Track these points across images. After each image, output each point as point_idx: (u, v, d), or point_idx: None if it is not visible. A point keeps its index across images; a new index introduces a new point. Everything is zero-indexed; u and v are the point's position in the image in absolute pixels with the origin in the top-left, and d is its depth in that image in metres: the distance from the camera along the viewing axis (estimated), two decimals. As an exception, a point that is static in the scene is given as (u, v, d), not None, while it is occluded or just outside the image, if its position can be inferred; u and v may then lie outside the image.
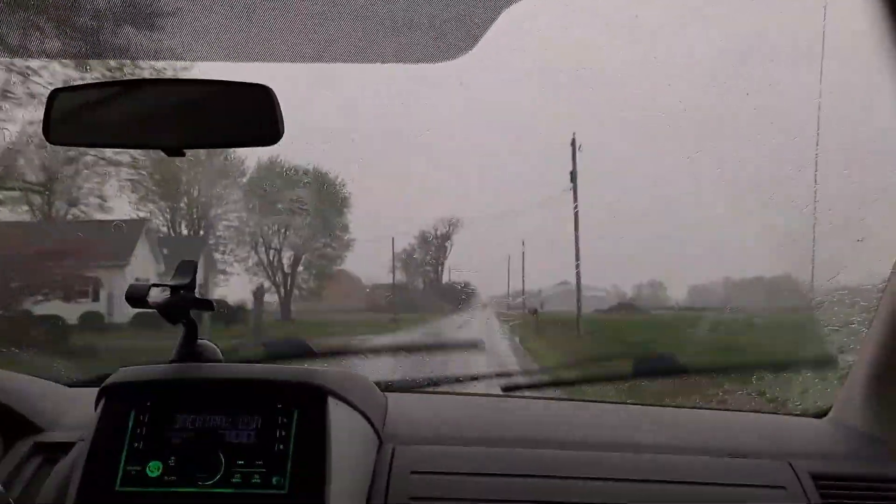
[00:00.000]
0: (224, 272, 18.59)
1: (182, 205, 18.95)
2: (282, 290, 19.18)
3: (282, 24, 1.57)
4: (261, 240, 19.09)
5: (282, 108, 1.35)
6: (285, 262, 19.36)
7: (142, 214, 16.55)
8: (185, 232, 19.23)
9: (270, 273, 19.07)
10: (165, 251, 16.34)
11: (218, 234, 19.36)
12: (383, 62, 1.71)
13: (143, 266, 15.02)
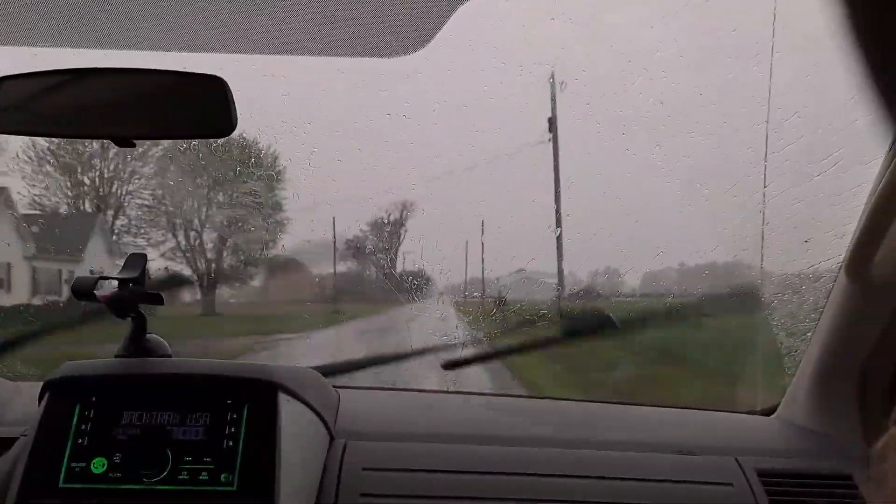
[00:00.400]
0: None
1: (85, 178, 16.88)
2: (204, 280, 17.45)
3: (237, 15, 1.54)
4: (179, 220, 16.84)
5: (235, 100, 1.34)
6: (208, 246, 17.26)
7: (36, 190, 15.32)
8: (87, 210, 16.85)
9: (191, 260, 16.90)
10: (35, 229, 14.29)
11: (129, 213, 17.24)
12: (340, 55, 1.70)
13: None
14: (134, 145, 1.41)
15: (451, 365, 2.13)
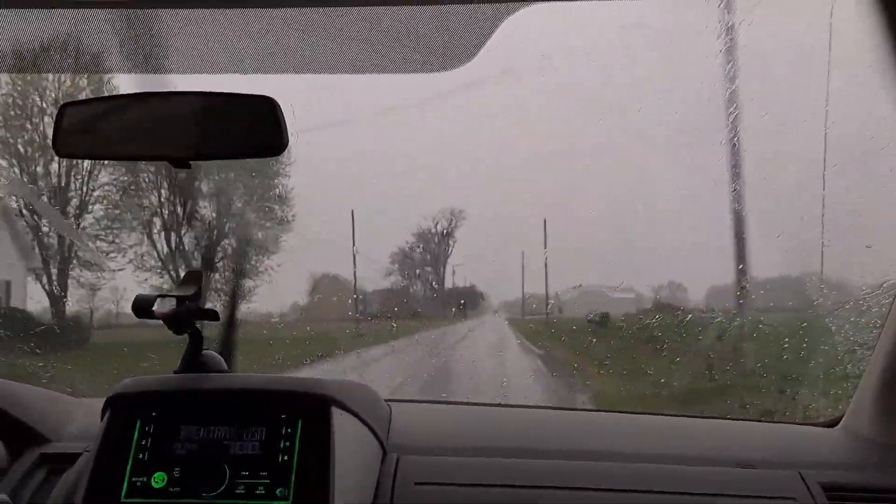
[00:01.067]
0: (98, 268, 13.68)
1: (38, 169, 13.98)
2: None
3: (286, 36, 1.57)
4: (159, 221, 14.21)
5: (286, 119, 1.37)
6: (192, 251, 15.02)
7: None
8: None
9: (170, 268, 13.85)
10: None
11: (92, 214, 14.24)
12: (385, 72, 1.71)
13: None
14: (189, 166, 1.45)
15: None
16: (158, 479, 1.36)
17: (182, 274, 1.57)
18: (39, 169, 14.06)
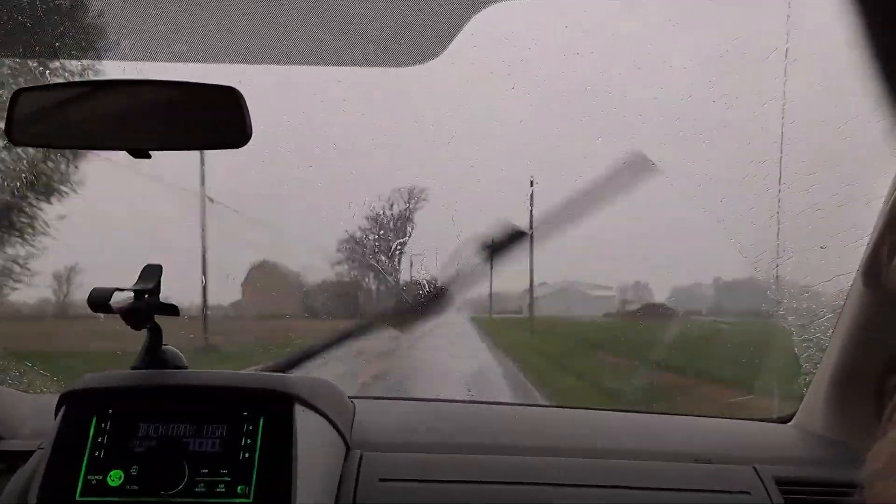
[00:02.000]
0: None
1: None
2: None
3: (253, 27, 1.55)
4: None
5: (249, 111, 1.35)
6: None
7: None
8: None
9: None
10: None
11: None
12: (353, 66, 1.70)
13: None
14: (149, 156, 1.42)
15: None
16: (115, 477, 1.33)
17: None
18: None
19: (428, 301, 1.76)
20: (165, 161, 1.43)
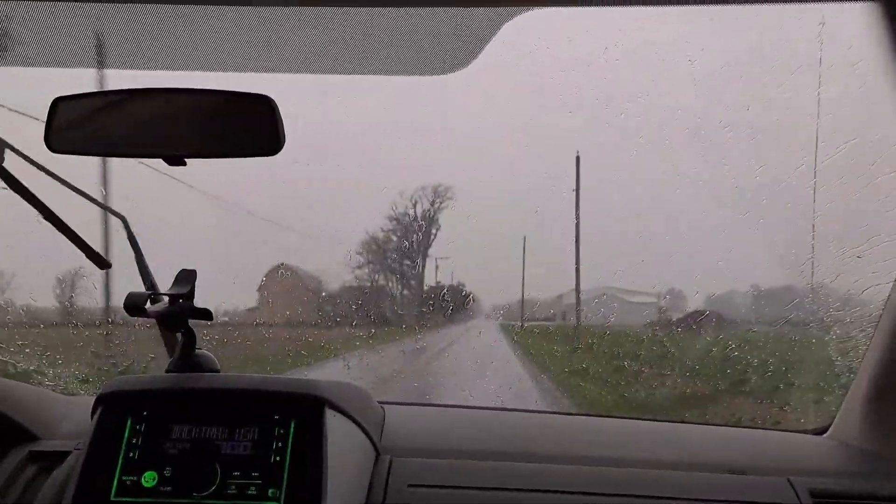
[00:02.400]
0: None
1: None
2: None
3: (283, 35, 1.57)
4: None
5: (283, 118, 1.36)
6: None
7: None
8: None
9: None
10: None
11: None
12: (381, 74, 1.71)
13: None
14: (185, 163, 1.44)
15: None
16: (149, 479, 1.36)
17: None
18: None
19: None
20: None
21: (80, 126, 1.43)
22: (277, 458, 1.37)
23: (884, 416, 1.74)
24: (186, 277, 1.51)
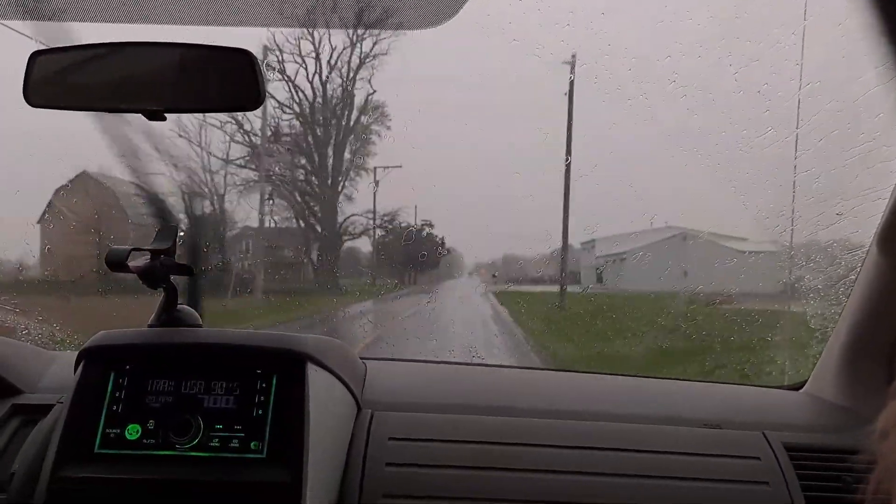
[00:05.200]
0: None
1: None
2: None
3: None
4: None
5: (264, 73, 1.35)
6: None
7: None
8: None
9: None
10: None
11: None
12: (368, 28, 1.70)
13: None
14: (164, 118, 1.43)
15: None
16: (132, 431, 1.37)
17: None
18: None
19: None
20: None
21: (58, 80, 1.41)
22: (259, 412, 1.39)
23: (859, 372, 1.77)
24: (167, 233, 1.51)
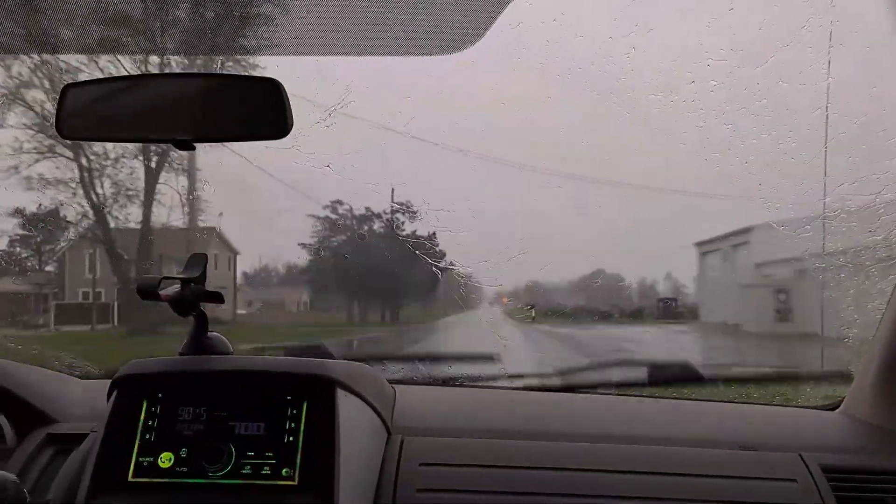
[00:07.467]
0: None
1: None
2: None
3: (289, 18, 1.57)
4: None
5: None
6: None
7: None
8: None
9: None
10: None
11: None
12: (386, 55, 1.71)
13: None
14: (194, 148, 1.45)
15: None
16: (165, 459, 1.38)
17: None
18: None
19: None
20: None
21: (89, 112, 1.44)
22: (290, 439, 1.39)
23: (894, 393, 1.74)
24: (197, 261, 1.52)
